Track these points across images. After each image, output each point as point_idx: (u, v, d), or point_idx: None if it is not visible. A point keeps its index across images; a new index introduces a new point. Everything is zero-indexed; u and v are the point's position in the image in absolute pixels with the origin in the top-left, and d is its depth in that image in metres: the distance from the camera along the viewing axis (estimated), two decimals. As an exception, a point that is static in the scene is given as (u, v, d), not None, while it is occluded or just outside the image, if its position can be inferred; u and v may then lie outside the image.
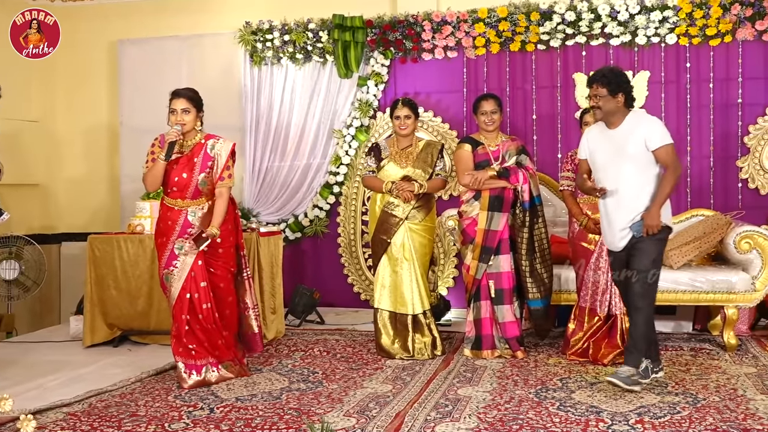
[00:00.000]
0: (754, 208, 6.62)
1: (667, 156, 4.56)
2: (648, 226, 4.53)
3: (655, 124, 4.65)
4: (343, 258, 7.55)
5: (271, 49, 7.52)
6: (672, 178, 4.55)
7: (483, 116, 5.59)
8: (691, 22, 6.66)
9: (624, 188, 4.64)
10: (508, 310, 5.47)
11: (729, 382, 4.71)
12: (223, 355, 4.99)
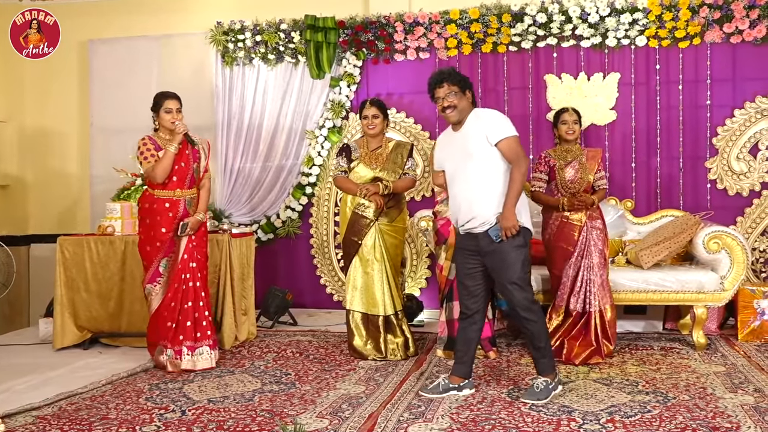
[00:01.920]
0: (723, 209, 6.70)
1: (509, 150, 4.34)
2: (505, 228, 4.30)
3: (494, 117, 4.45)
4: (316, 259, 7.53)
5: (243, 49, 7.49)
6: (518, 174, 4.32)
7: None
8: (661, 25, 6.72)
9: (473, 191, 4.42)
10: None
11: (699, 381, 4.75)
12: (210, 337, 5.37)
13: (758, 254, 6.73)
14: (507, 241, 4.34)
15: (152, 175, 5.22)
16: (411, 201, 7.13)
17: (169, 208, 5.27)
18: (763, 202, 6.71)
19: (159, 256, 5.28)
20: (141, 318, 6.01)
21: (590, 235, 5.39)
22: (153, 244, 5.28)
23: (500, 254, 4.38)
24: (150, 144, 5.26)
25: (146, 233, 5.30)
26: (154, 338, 5.34)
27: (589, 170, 5.53)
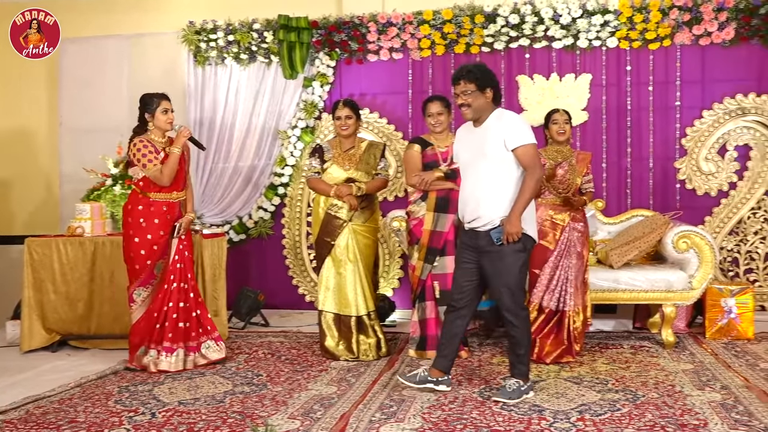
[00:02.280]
0: (692, 209, 6.77)
1: (525, 157, 4.33)
2: (508, 233, 4.30)
3: (515, 121, 4.41)
4: (288, 260, 7.51)
5: (215, 49, 7.45)
6: (531, 182, 4.32)
7: (430, 118, 5.61)
8: (631, 26, 6.78)
9: (482, 190, 4.43)
10: None
11: (667, 379, 4.80)
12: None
13: (726, 253, 6.81)
14: (507, 245, 4.35)
15: (159, 179, 5.21)
16: (384, 201, 7.13)
17: (166, 211, 5.28)
18: (731, 202, 6.79)
19: (154, 259, 5.26)
20: (110, 320, 5.98)
21: (571, 235, 5.42)
22: (149, 247, 5.24)
23: (498, 256, 4.39)
24: (150, 146, 5.22)
25: (141, 236, 5.24)
26: (137, 340, 5.30)
27: (578, 172, 5.57)
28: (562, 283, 5.37)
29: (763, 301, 6.76)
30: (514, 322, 4.44)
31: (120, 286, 5.95)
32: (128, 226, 5.29)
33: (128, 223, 5.29)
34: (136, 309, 5.30)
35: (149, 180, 5.24)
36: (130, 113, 7.67)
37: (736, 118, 6.76)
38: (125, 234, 5.32)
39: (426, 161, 5.58)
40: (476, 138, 4.52)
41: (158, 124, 5.28)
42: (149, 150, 5.20)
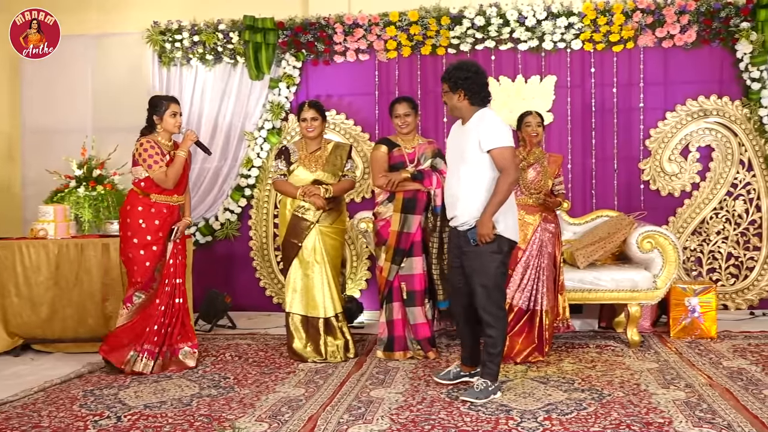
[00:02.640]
0: (656, 209, 6.86)
1: (499, 159, 4.35)
2: (479, 235, 4.37)
3: (492, 124, 4.41)
4: (255, 261, 7.47)
5: (181, 49, 7.40)
6: (504, 184, 4.33)
7: (396, 119, 5.62)
8: (595, 29, 6.85)
9: (460, 190, 4.49)
10: (419, 311, 5.50)
11: (633, 378, 4.85)
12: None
13: (689, 253, 6.91)
14: (482, 246, 4.40)
15: (164, 181, 5.22)
16: (351, 202, 7.13)
17: (167, 214, 5.30)
18: (694, 203, 6.89)
19: (154, 261, 5.25)
20: (75, 323, 5.91)
21: (543, 236, 5.45)
22: (148, 249, 5.23)
23: (474, 256, 4.46)
24: (157, 148, 5.23)
25: (141, 237, 5.22)
26: (127, 342, 5.24)
27: (549, 174, 5.62)
28: (533, 282, 5.40)
29: (726, 300, 6.87)
30: (490, 321, 4.46)
31: (85, 289, 5.90)
32: (127, 227, 5.26)
33: (127, 224, 5.26)
34: (132, 310, 5.27)
35: (152, 181, 5.23)
36: (94, 114, 7.65)
37: (698, 119, 6.86)
38: (123, 235, 5.30)
39: (393, 162, 5.59)
40: (461, 137, 4.57)
41: (166, 127, 5.29)
42: (156, 151, 5.21)
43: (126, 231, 5.27)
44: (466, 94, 4.48)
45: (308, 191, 5.50)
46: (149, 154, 5.20)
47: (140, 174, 5.26)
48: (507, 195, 4.37)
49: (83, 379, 5.13)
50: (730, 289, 6.90)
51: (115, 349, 5.27)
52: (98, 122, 7.61)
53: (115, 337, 5.30)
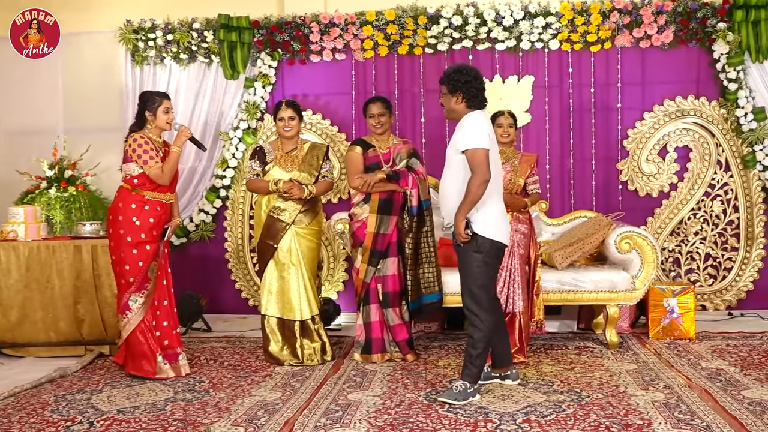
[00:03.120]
0: (634, 209, 6.90)
1: (471, 159, 4.39)
2: (456, 234, 4.46)
3: (469, 126, 4.47)
4: (231, 263, 7.42)
5: (154, 48, 7.33)
6: (472, 185, 4.37)
7: (371, 119, 5.61)
8: (573, 29, 6.87)
9: (445, 191, 4.61)
10: (395, 313, 5.49)
11: (612, 379, 4.86)
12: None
13: (668, 254, 6.95)
14: (463, 245, 4.47)
15: (160, 177, 5.12)
16: (327, 203, 7.11)
17: (161, 212, 5.21)
18: (672, 203, 6.93)
19: (148, 261, 5.14)
20: (46, 326, 5.84)
21: (514, 237, 5.43)
22: (142, 248, 5.11)
23: (459, 255, 4.56)
24: (151, 144, 5.14)
25: (135, 235, 5.09)
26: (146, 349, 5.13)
27: (520, 173, 5.60)
28: (508, 284, 5.39)
29: (704, 300, 6.92)
30: (474, 322, 4.51)
31: (56, 292, 5.84)
32: (119, 226, 5.11)
33: (119, 222, 5.11)
34: (132, 316, 5.12)
35: (146, 178, 5.12)
36: (65, 114, 7.56)
37: (676, 120, 6.91)
38: (114, 234, 5.13)
39: (368, 163, 5.57)
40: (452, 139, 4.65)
41: (159, 124, 5.20)
42: (150, 147, 5.12)
43: (118, 229, 5.12)
44: (464, 98, 4.55)
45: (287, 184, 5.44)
46: (144, 150, 5.10)
47: (133, 171, 5.14)
48: (477, 195, 4.38)
49: (55, 384, 5.07)
50: (708, 289, 6.95)
51: (137, 358, 5.14)
52: (70, 122, 7.53)
53: (130, 346, 5.15)
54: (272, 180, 5.49)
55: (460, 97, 4.55)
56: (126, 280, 5.11)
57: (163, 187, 5.19)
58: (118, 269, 5.16)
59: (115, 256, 5.17)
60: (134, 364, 5.15)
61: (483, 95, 4.60)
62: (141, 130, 5.20)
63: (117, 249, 5.14)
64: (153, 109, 5.18)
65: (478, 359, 4.50)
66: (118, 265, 5.14)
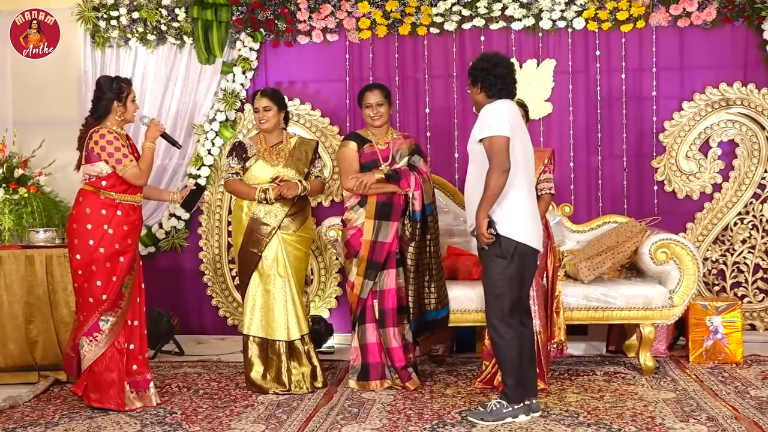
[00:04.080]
0: (671, 214, 6.90)
1: (488, 149, 4.59)
2: (478, 234, 4.64)
3: (488, 113, 4.68)
4: (207, 276, 7.44)
5: (117, 28, 7.35)
6: (490, 177, 4.53)
7: (368, 109, 5.64)
8: (601, 5, 6.89)
9: (468, 190, 4.82)
10: (393, 333, 5.50)
11: (646, 410, 4.88)
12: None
13: (710, 265, 6.96)
14: (486, 249, 4.64)
15: (138, 176, 5.14)
16: (318, 206, 7.12)
17: (134, 217, 5.23)
18: (715, 206, 6.94)
19: (122, 275, 5.13)
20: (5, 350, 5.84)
21: None
22: (115, 259, 5.10)
23: (482, 261, 4.77)
24: (122, 140, 5.15)
25: (107, 246, 5.06)
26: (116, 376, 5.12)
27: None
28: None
29: (753, 319, 6.93)
30: (493, 336, 4.72)
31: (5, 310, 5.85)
32: (87, 235, 5.06)
33: (87, 231, 5.07)
34: (102, 339, 5.09)
35: (115, 179, 5.11)
36: (14, 105, 7.56)
37: (720, 110, 6.92)
38: (82, 246, 5.08)
39: (364, 161, 5.60)
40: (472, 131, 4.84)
41: (128, 116, 5.23)
42: (121, 144, 5.12)
43: (86, 240, 5.06)
44: (482, 88, 4.79)
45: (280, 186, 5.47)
46: (115, 147, 5.07)
47: (101, 171, 5.10)
48: (497, 188, 4.53)
49: (4, 416, 5.09)
50: (758, 306, 6.96)
51: (103, 388, 5.11)
52: (19, 114, 7.53)
53: (94, 374, 5.13)
54: (259, 190, 5.51)
55: (479, 88, 4.80)
56: (97, 297, 5.08)
57: (134, 188, 5.20)
58: (86, 286, 5.10)
59: (83, 270, 5.10)
60: (100, 395, 5.12)
61: (504, 84, 4.78)
62: (101, 123, 5.19)
63: (86, 263, 5.08)
64: (122, 99, 5.17)
65: (509, 377, 4.68)
66: (87, 281, 5.10)
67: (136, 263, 5.28)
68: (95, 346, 5.10)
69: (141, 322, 5.33)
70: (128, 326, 5.22)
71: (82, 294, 5.16)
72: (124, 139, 5.21)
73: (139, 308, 5.32)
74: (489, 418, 4.57)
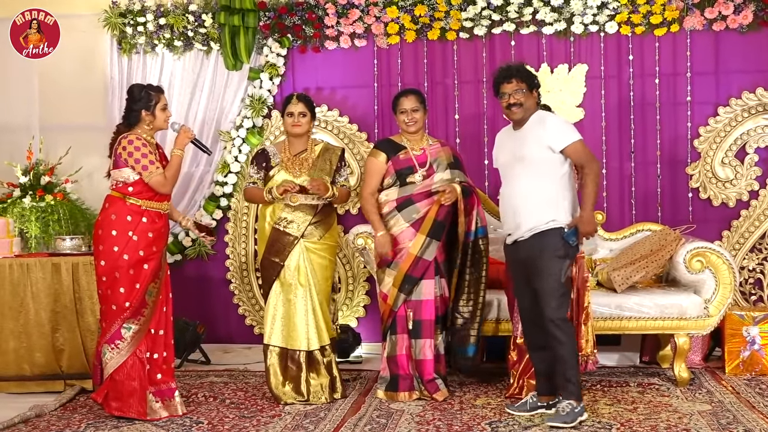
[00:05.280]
0: (706, 222, 6.86)
1: (576, 154, 4.92)
2: (584, 233, 4.92)
3: (557, 122, 5.02)
4: (233, 284, 7.46)
5: (144, 34, 7.41)
6: (591, 178, 4.89)
7: (402, 115, 5.66)
8: (634, 9, 6.86)
9: (520, 197, 4.98)
10: (427, 345, 5.50)
11: (681, 422, 4.85)
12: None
13: (747, 274, 6.90)
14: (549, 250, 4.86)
15: (163, 184, 5.19)
16: (346, 214, 7.14)
17: (160, 225, 5.28)
18: (752, 214, 6.88)
19: (146, 283, 5.18)
20: (17, 357, 5.90)
21: None
22: (139, 267, 5.15)
23: (541, 262, 4.90)
24: (150, 147, 5.21)
25: (132, 253, 5.12)
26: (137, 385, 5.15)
27: None
28: None
29: (791, 329, 6.86)
30: (559, 336, 4.85)
31: (31, 318, 5.90)
32: (112, 242, 5.12)
33: (112, 237, 5.13)
34: (124, 347, 5.14)
35: (143, 185, 5.17)
36: (41, 111, 7.63)
37: (757, 115, 6.87)
38: (107, 252, 5.14)
39: (398, 168, 5.60)
40: (516, 141, 5.07)
41: (158, 124, 5.28)
42: (149, 150, 5.18)
43: (111, 246, 5.12)
44: (538, 95, 5.10)
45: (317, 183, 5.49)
46: (142, 154, 5.13)
47: (128, 177, 5.16)
48: (596, 186, 4.93)
49: (30, 425, 5.13)
50: (795, 316, 6.90)
51: (124, 397, 5.14)
52: (46, 120, 7.60)
53: (116, 382, 5.16)
54: (266, 189, 5.55)
55: (536, 95, 5.08)
56: (119, 305, 5.12)
57: (161, 195, 5.24)
58: (109, 293, 5.16)
59: (107, 277, 5.16)
60: (120, 404, 5.15)
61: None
62: (131, 130, 5.24)
63: (110, 269, 5.14)
64: (150, 108, 5.22)
65: (574, 374, 4.88)
66: (111, 288, 5.15)
67: (163, 271, 5.31)
68: (117, 354, 5.14)
69: (167, 331, 5.35)
70: (151, 335, 5.24)
71: (105, 301, 5.21)
72: (152, 147, 5.25)
73: (166, 317, 5.34)
74: (569, 419, 4.76)
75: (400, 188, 5.59)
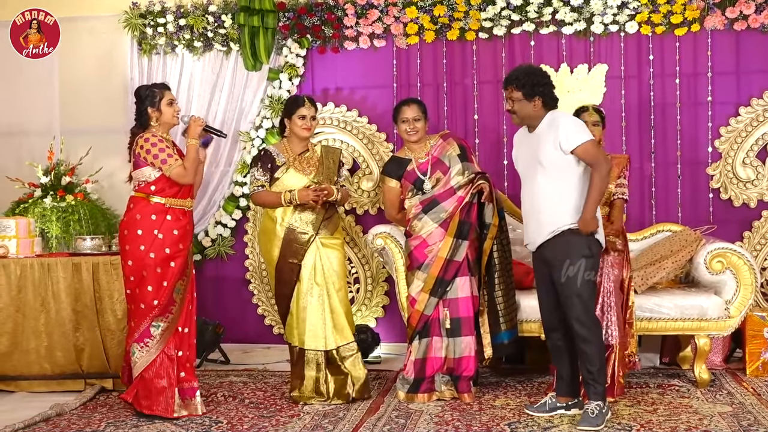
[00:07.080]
0: (727, 222, 6.83)
1: (585, 155, 4.88)
2: (586, 233, 4.89)
3: (567, 123, 4.96)
4: (252, 284, 7.49)
5: (164, 35, 7.45)
6: (596, 179, 4.86)
7: (404, 124, 5.71)
8: (654, 8, 6.85)
9: (540, 201, 4.97)
10: (467, 342, 5.49)
11: (701, 423, 4.84)
12: None
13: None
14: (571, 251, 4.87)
15: (184, 176, 5.21)
16: (365, 214, 7.16)
17: (185, 222, 5.32)
18: (774, 215, 6.86)
19: (173, 281, 5.23)
20: (40, 357, 5.94)
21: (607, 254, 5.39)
22: (166, 265, 5.20)
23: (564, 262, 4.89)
24: (165, 142, 5.25)
25: (158, 251, 5.18)
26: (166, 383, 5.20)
27: (612, 178, 5.55)
28: (605, 310, 5.38)
29: (812, 330, 6.83)
30: (585, 335, 4.86)
31: (52, 317, 5.94)
32: (139, 241, 5.18)
33: (138, 237, 5.18)
34: (153, 345, 5.19)
35: (165, 182, 5.21)
36: (61, 113, 7.68)
37: (779, 115, 6.85)
38: (133, 252, 5.20)
39: (411, 180, 5.67)
40: (531, 145, 5.08)
41: (165, 119, 5.30)
42: (165, 145, 5.22)
43: (138, 245, 5.17)
44: (544, 101, 5.00)
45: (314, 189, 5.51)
46: (159, 149, 5.17)
47: (149, 176, 5.21)
48: (602, 189, 4.90)
49: (50, 423, 5.17)
50: (817, 317, 6.87)
51: (153, 395, 5.19)
52: (67, 122, 7.65)
53: (145, 380, 5.21)
54: (284, 193, 5.55)
55: (539, 102, 4.98)
56: (148, 303, 5.17)
57: (183, 192, 5.27)
58: (138, 292, 5.21)
59: (135, 276, 5.21)
60: (150, 402, 5.20)
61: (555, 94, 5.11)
62: (145, 131, 5.29)
63: (137, 269, 5.19)
64: (156, 105, 5.27)
65: (600, 374, 4.87)
66: (138, 287, 5.20)
67: (189, 269, 5.36)
68: (146, 353, 5.18)
69: (191, 330, 5.40)
70: (179, 333, 5.29)
71: (133, 300, 5.25)
72: (169, 143, 5.30)
73: (191, 316, 5.39)
74: (597, 422, 4.76)
75: (422, 194, 5.64)
